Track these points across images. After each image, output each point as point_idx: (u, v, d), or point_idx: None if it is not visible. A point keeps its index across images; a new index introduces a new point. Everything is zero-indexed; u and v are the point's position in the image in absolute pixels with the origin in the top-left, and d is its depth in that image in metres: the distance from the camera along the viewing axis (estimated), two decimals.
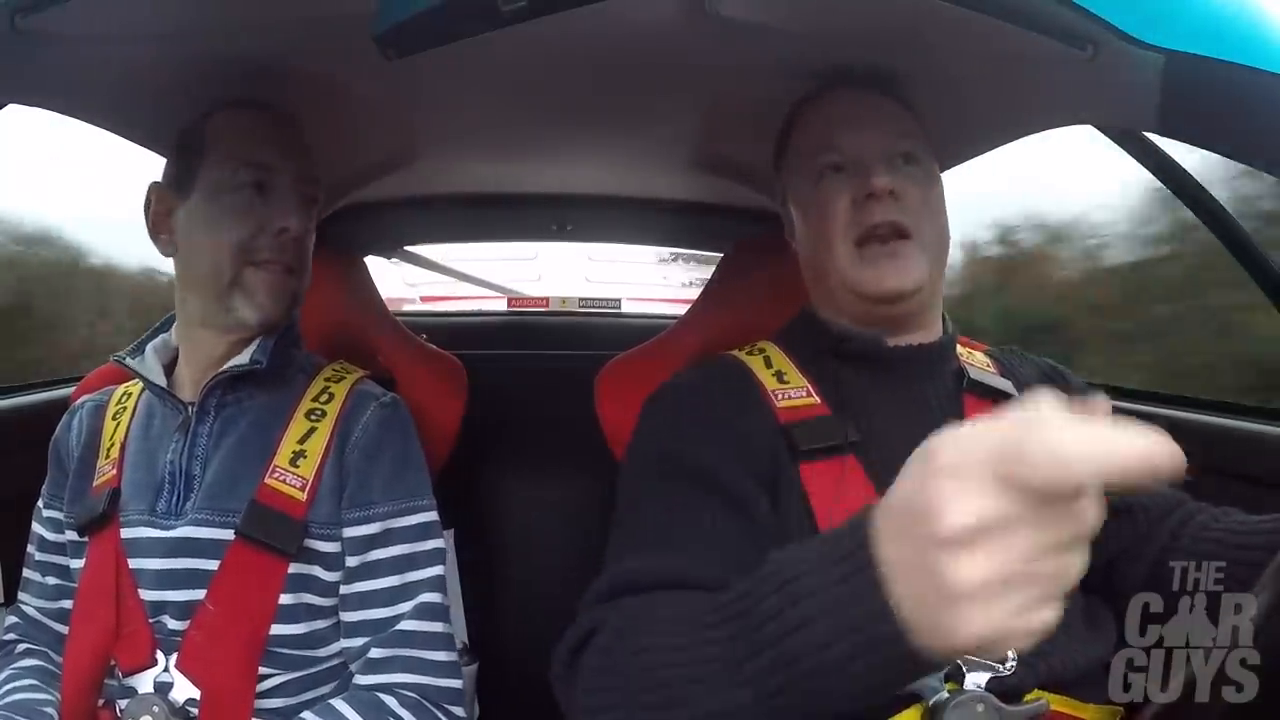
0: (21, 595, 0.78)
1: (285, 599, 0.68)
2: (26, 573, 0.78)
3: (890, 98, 0.71)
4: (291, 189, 0.73)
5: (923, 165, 0.68)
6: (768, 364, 0.69)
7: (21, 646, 0.76)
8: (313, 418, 0.73)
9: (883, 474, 0.62)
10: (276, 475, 0.70)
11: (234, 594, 0.67)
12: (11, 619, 0.77)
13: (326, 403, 0.74)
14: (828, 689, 0.35)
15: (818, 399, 0.66)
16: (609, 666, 0.47)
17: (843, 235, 0.66)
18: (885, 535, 0.33)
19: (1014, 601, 0.29)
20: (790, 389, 0.67)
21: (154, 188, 0.74)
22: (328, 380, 0.76)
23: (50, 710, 0.69)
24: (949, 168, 0.86)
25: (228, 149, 0.72)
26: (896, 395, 0.67)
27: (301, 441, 0.71)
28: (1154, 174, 0.89)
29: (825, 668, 0.34)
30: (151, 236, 0.74)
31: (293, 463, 0.70)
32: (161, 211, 0.74)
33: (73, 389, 0.91)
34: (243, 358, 0.72)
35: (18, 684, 0.71)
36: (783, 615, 0.36)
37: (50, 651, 0.75)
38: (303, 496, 0.69)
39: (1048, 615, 0.30)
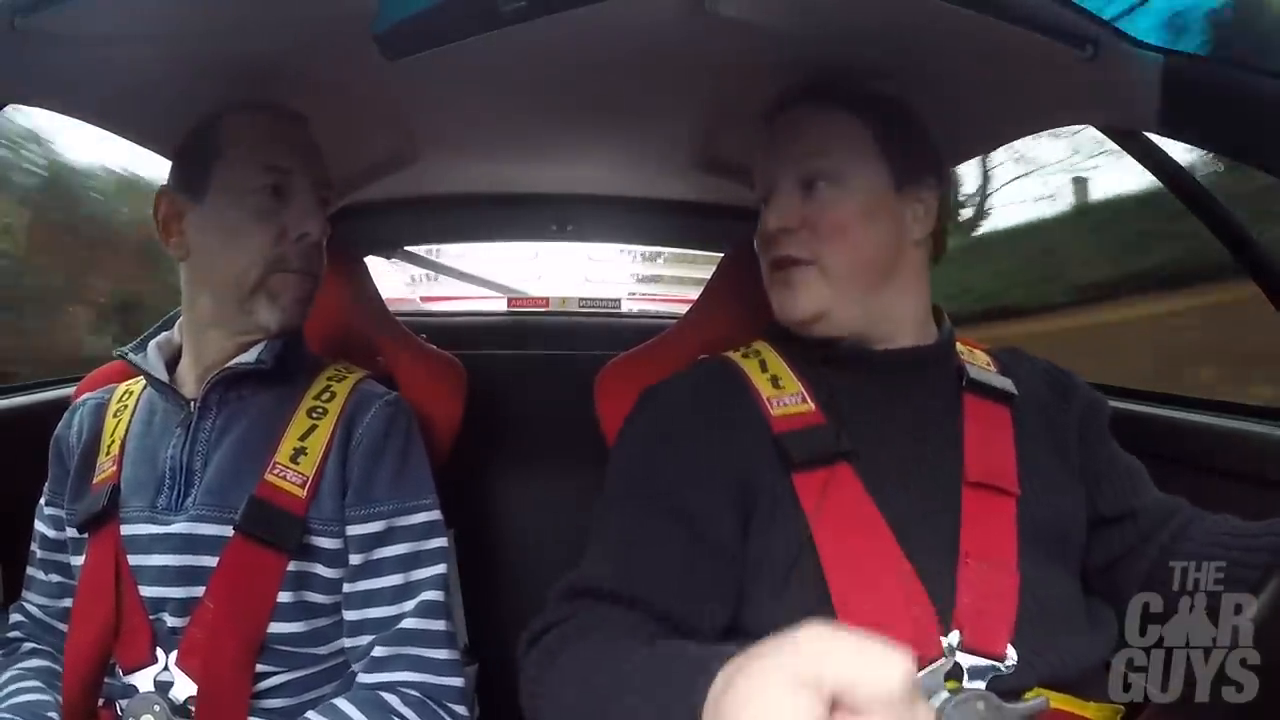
0: (26, 593, 0.78)
1: (286, 597, 0.68)
2: (30, 570, 0.78)
3: (830, 108, 0.69)
4: (310, 192, 0.74)
5: (844, 183, 0.67)
6: (763, 368, 0.69)
7: (27, 646, 0.76)
8: (314, 415, 0.73)
9: (878, 481, 0.62)
10: (276, 471, 0.70)
11: (233, 591, 0.67)
12: (16, 617, 0.77)
13: (328, 401, 0.74)
14: None
15: (812, 405, 0.65)
16: (550, 661, 0.52)
17: (764, 261, 0.71)
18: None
19: None
20: (785, 395, 0.66)
21: (163, 192, 0.73)
22: (330, 379, 0.77)
23: (53, 714, 0.68)
24: (949, 167, 0.85)
25: (247, 151, 0.72)
26: (891, 400, 0.67)
27: (303, 439, 0.71)
28: (1154, 174, 0.89)
29: None
30: (162, 240, 0.74)
31: (293, 459, 0.70)
32: (172, 215, 0.73)
33: (73, 389, 0.91)
34: (248, 356, 0.73)
35: (22, 685, 0.70)
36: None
37: (55, 651, 0.75)
38: (303, 494, 0.69)
39: None
